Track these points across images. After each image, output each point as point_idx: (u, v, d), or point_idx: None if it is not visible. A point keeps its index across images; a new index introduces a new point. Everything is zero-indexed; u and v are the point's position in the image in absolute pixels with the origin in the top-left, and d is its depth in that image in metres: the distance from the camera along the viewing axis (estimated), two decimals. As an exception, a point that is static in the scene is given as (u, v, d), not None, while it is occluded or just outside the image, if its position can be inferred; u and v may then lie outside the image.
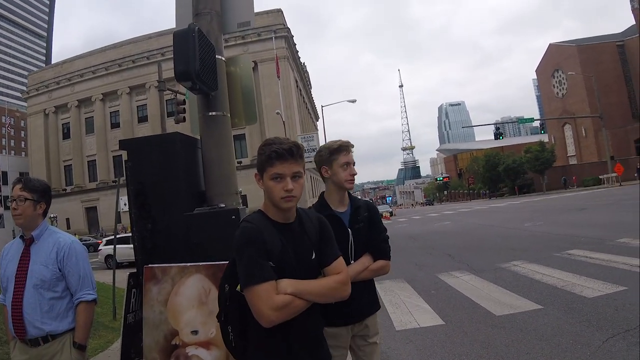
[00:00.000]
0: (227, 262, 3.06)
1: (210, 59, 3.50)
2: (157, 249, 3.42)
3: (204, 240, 3.27)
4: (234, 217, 3.27)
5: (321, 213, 2.58)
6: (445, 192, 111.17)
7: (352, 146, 3.02)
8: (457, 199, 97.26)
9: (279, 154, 2.06)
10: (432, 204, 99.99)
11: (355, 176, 3.00)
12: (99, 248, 25.51)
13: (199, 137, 3.82)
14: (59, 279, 3.01)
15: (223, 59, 3.89)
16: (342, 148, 2.95)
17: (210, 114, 3.69)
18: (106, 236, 48.36)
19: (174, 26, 4.09)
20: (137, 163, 3.47)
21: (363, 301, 2.91)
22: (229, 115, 3.84)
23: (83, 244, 3.40)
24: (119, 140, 3.66)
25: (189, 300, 3.17)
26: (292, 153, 2.08)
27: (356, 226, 2.92)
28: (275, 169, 2.07)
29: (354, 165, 3.00)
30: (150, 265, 3.37)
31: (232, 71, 4.09)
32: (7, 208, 62.00)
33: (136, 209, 3.46)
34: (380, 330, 3.16)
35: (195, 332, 3.15)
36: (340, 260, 2.27)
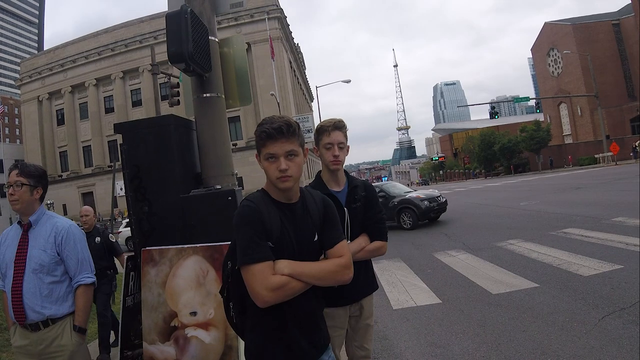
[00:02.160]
0: (224, 243, 3.11)
1: (203, 40, 3.47)
2: (154, 232, 3.44)
3: (200, 222, 3.28)
4: (230, 198, 3.28)
5: None
6: (441, 172, 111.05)
7: (340, 127, 2.93)
8: (452, 179, 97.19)
9: (269, 134, 2.03)
10: (428, 184, 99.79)
11: (340, 157, 2.92)
12: (119, 230, 25.36)
13: (193, 119, 3.80)
14: (57, 263, 3.02)
15: (216, 40, 3.87)
16: (323, 129, 2.92)
17: (204, 95, 3.67)
18: (103, 221, 48.43)
19: (167, 9, 4.04)
20: (132, 146, 3.46)
21: (360, 282, 2.89)
22: (224, 96, 3.82)
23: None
24: (114, 124, 3.65)
25: (187, 281, 3.19)
26: (281, 131, 2.03)
27: (353, 206, 2.91)
28: (267, 149, 2.04)
29: (340, 145, 2.92)
30: (147, 248, 3.39)
31: (225, 52, 4.06)
32: (3, 196, 61.85)
33: (132, 192, 3.46)
34: (374, 312, 3.18)
35: (194, 313, 3.18)
36: (344, 243, 2.21)
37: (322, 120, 2.99)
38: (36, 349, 2.98)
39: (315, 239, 2.15)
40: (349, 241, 2.84)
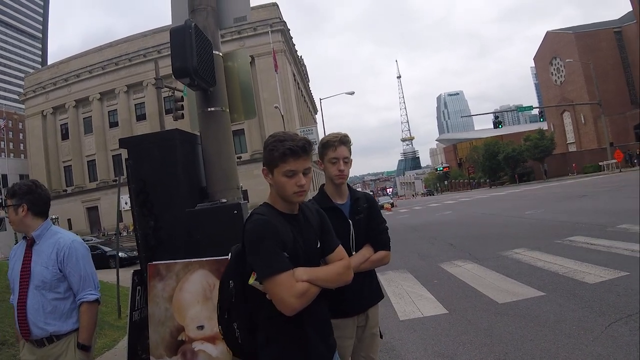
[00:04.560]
0: (231, 257, 3.11)
1: (207, 54, 3.50)
2: (160, 246, 3.44)
3: (206, 236, 3.29)
4: (235, 212, 3.29)
5: (321, 205, 2.61)
6: (446, 182, 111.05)
7: (345, 142, 2.96)
8: (457, 189, 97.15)
9: (294, 152, 2.08)
10: (433, 194, 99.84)
11: (345, 171, 2.95)
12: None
13: (198, 133, 3.82)
14: (60, 280, 2.99)
15: (220, 54, 3.90)
16: (329, 144, 2.94)
17: (209, 109, 3.69)
18: (107, 235, 48.45)
19: (170, 23, 4.09)
20: (138, 161, 3.48)
21: (365, 292, 2.95)
22: (228, 110, 3.84)
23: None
24: (119, 139, 3.67)
25: (193, 295, 3.20)
26: (305, 150, 2.11)
27: (356, 217, 2.94)
28: (288, 166, 2.09)
29: (345, 160, 2.95)
30: (154, 262, 3.39)
31: (229, 66, 4.09)
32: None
33: (138, 207, 3.47)
34: (381, 323, 3.18)
35: (201, 327, 3.18)
36: (340, 247, 2.34)
37: (327, 135, 3.00)
38: None
39: (318, 245, 2.24)
40: (354, 252, 2.87)
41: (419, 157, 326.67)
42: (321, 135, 46.55)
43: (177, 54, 3.24)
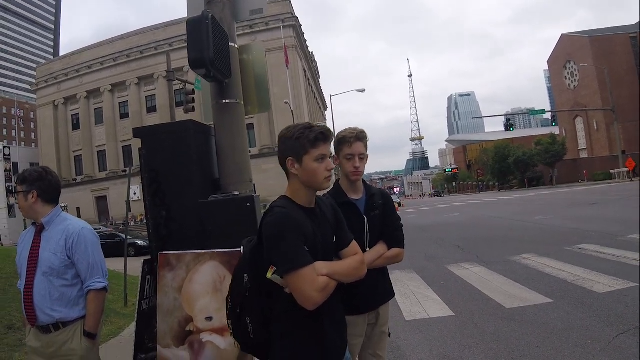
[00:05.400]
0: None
1: (223, 46, 3.48)
2: (171, 236, 3.43)
3: (218, 228, 3.27)
4: (248, 204, 3.27)
5: (336, 200, 2.61)
6: (454, 184, 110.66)
7: (362, 138, 2.93)
8: (465, 191, 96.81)
9: (325, 136, 2.15)
10: (441, 195, 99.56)
11: (360, 168, 2.92)
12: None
13: (212, 125, 3.81)
14: (68, 267, 2.98)
15: (236, 46, 3.88)
16: (345, 140, 2.90)
17: (223, 101, 3.68)
18: (116, 225, 48.74)
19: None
20: (151, 151, 3.47)
21: (379, 289, 2.94)
22: (243, 103, 3.82)
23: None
24: (133, 129, 3.66)
25: (203, 286, 3.19)
26: (331, 136, 2.21)
27: (371, 214, 2.92)
28: (319, 150, 2.12)
29: (361, 156, 2.91)
30: (164, 252, 3.39)
31: (244, 59, 4.07)
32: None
33: (150, 197, 3.47)
34: (389, 320, 3.17)
35: (209, 319, 3.17)
36: (355, 242, 2.35)
37: (343, 130, 2.97)
38: (47, 351, 2.96)
39: (334, 240, 2.24)
40: (367, 248, 2.85)
41: (427, 157, 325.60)
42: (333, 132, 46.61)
43: (194, 45, 3.22)
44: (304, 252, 1.99)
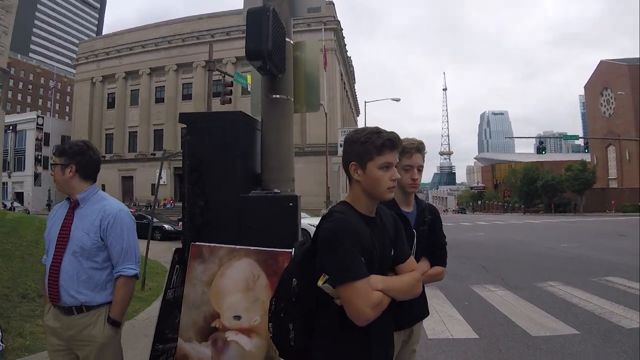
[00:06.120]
0: (280, 250, 3.00)
1: (281, 40, 3.40)
2: (206, 227, 3.35)
3: (257, 224, 3.17)
4: (291, 204, 3.17)
5: None
6: (479, 202, 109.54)
7: (421, 150, 2.85)
8: (490, 210, 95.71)
9: (393, 143, 2.02)
10: (465, 212, 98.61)
11: (418, 180, 2.87)
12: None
13: (258, 119, 3.73)
14: (100, 249, 2.83)
15: (292, 42, 3.79)
16: (405, 150, 2.78)
17: (273, 96, 3.58)
18: (139, 206, 49.36)
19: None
20: (196, 138, 3.39)
21: (416, 306, 2.82)
22: (293, 99, 3.74)
23: None
24: (180, 113, 3.58)
25: (235, 283, 3.09)
26: (400, 143, 2.08)
27: (421, 228, 2.84)
28: (385, 158, 2.01)
29: (419, 168, 2.85)
30: (197, 243, 3.31)
31: (297, 56, 3.98)
32: (45, 168, 63.89)
33: (190, 185, 3.39)
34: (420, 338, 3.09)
35: (237, 317, 3.07)
36: (412, 257, 2.23)
37: (402, 139, 2.87)
38: (65, 334, 2.83)
39: (392, 253, 2.11)
40: None
41: (455, 172, 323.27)
42: (361, 138, 46.49)
43: (253, 36, 3.14)
44: (360, 264, 1.87)
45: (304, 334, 2.01)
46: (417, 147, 2.82)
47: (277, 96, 3.57)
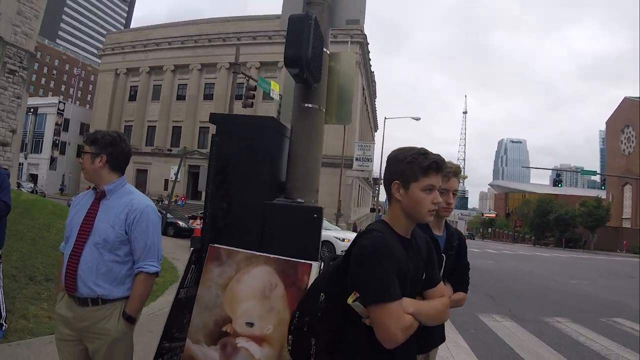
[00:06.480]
0: (301, 260, 2.96)
1: (319, 49, 3.38)
2: (227, 230, 3.32)
3: (279, 233, 3.13)
4: (315, 215, 3.12)
5: None
6: (490, 230, 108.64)
7: (457, 174, 2.84)
8: (500, 239, 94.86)
9: (439, 166, 1.99)
10: (474, 239, 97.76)
11: (452, 204, 2.85)
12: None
13: (288, 127, 3.70)
14: (123, 242, 2.80)
15: (328, 52, 3.78)
16: (443, 173, 2.78)
17: (305, 105, 3.56)
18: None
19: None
20: (225, 140, 3.36)
21: (435, 331, 2.82)
22: (324, 110, 3.71)
23: None
24: (210, 113, 3.56)
25: (252, 290, 3.04)
26: (444, 166, 2.06)
27: (449, 253, 2.83)
28: (430, 180, 1.97)
29: (454, 192, 2.84)
30: (215, 245, 3.27)
31: (332, 66, 3.96)
32: (62, 153, 64.48)
33: (214, 186, 3.36)
34: None
35: (250, 324, 3.01)
36: (442, 283, 2.22)
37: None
38: (78, 324, 2.79)
39: (424, 277, 2.07)
40: None
41: (467, 197, 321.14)
42: (378, 154, 46.19)
43: (293, 42, 3.11)
44: (395, 285, 1.83)
45: (326, 351, 1.97)
46: (455, 171, 2.81)
47: (310, 105, 3.54)
